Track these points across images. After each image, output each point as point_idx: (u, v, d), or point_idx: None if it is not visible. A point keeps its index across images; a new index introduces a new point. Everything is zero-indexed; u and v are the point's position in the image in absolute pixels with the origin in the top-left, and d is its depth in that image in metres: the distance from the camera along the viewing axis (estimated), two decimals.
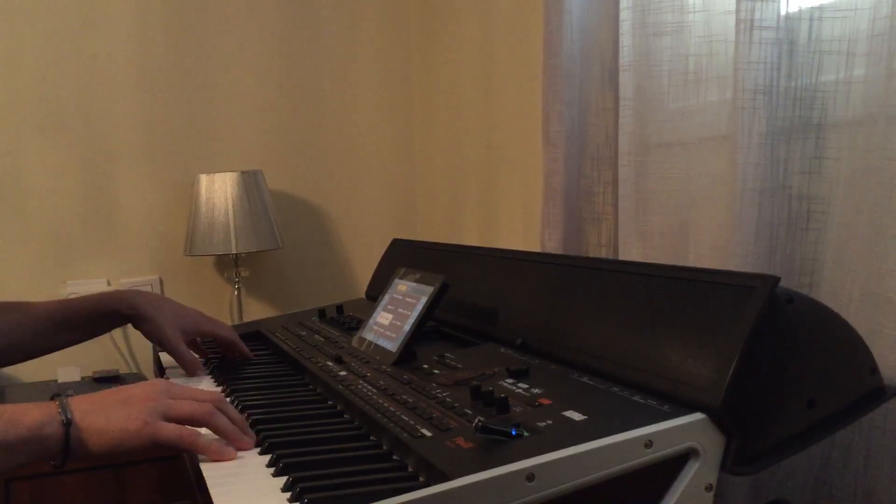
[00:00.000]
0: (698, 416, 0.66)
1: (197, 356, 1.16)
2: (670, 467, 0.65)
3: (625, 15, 1.18)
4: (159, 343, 1.13)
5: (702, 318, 0.72)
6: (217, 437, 0.77)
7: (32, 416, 0.73)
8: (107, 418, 0.74)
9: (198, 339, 1.19)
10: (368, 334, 1.09)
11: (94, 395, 0.77)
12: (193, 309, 1.18)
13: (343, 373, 0.97)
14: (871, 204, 0.85)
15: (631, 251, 1.20)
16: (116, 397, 0.76)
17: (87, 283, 2.00)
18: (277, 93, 2.15)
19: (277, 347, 1.21)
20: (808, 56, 0.95)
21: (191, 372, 1.11)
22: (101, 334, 1.20)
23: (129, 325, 1.15)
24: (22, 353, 1.14)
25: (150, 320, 1.11)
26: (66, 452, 0.73)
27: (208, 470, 0.72)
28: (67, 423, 0.73)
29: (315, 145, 2.20)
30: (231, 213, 1.91)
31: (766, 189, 0.96)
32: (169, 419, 0.75)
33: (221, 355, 1.19)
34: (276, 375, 1.08)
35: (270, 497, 0.65)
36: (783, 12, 0.94)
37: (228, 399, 0.97)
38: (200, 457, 0.75)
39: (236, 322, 2.02)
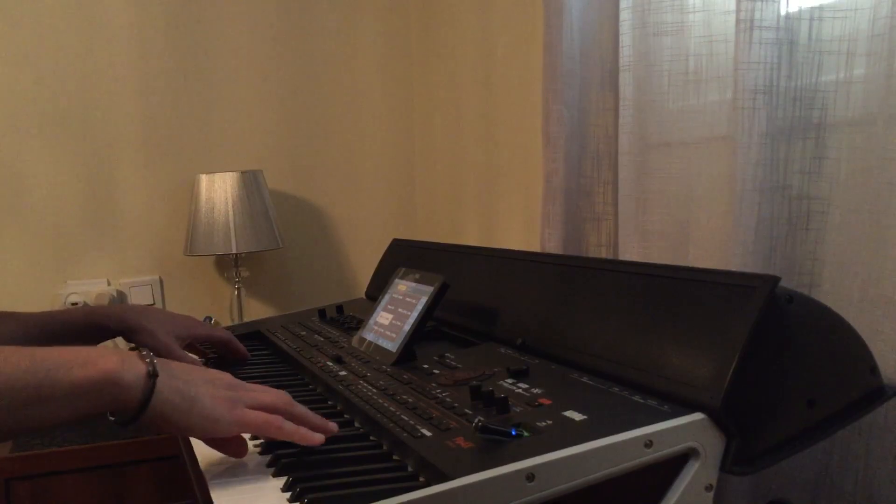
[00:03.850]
0: (698, 415, 0.66)
1: (196, 357, 1.16)
2: (670, 467, 0.65)
3: (625, 15, 1.18)
4: (156, 351, 1.12)
5: (702, 318, 0.72)
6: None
7: (110, 360, 0.67)
8: (195, 390, 0.69)
9: (195, 342, 1.19)
10: (368, 334, 1.09)
11: (177, 363, 0.73)
12: (183, 315, 1.18)
13: (343, 373, 0.97)
14: (871, 204, 0.86)
15: (631, 251, 1.20)
16: (200, 374, 0.73)
17: (87, 283, 2.00)
18: (277, 93, 2.15)
19: (277, 347, 1.21)
20: (808, 56, 0.95)
21: None
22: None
23: None
24: None
25: (143, 331, 1.10)
26: (142, 407, 0.67)
27: (208, 470, 0.72)
28: (154, 375, 0.68)
29: (315, 145, 2.20)
30: (231, 213, 1.91)
31: (766, 189, 0.96)
32: (252, 408, 0.72)
33: (219, 355, 1.19)
34: (276, 375, 1.08)
35: (270, 497, 0.65)
36: (783, 12, 0.94)
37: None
38: (200, 457, 0.75)
39: (236, 322, 2.02)
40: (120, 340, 1.18)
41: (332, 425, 0.76)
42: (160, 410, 0.68)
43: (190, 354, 1.14)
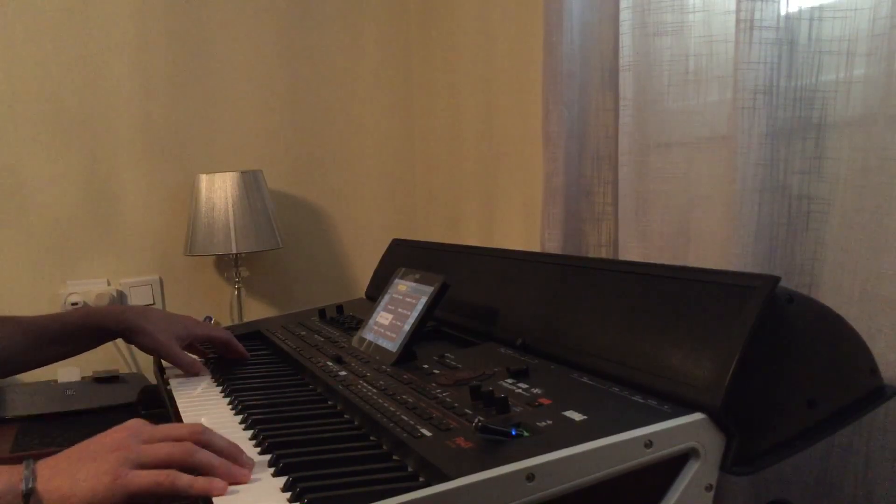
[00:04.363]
0: (698, 415, 0.66)
1: (196, 357, 1.16)
2: (670, 467, 0.65)
3: (625, 15, 1.18)
4: (156, 352, 1.13)
5: (702, 318, 0.72)
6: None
7: None
8: (72, 480, 0.66)
9: (195, 342, 1.19)
10: (368, 334, 1.09)
11: (62, 454, 0.70)
12: (183, 315, 1.18)
13: (343, 373, 0.97)
14: (871, 204, 0.86)
15: (631, 251, 1.20)
16: (82, 453, 0.69)
17: (87, 283, 2.00)
18: (277, 93, 2.15)
19: (277, 347, 1.21)
20: (808, 56, 0.95)
21: (193, 372, 1.11)
22: (87, 350, 1.17)
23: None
24: (12, 366, 1.13)
25: (143, 332, 1.11)
26: None
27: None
28: (28, 494, 0.65)
29: (315, 145, 2.20)
30: (231, 212, 1.91)
31: (766, 189, 0.96)
32: (143, 466, 0.68)
33: (219, 355, 1.19)
34: (276, 375, 1.08)
35: (270, 497, 0.65)
36: (783, 12, 0.94)
37: (227, 400, 0.97)
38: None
39: (236, 322, 2.02)
40: (120, 342, 1.18)
41: (242, 473, 0.69)
42: None
43: (190, 355, 1.14)
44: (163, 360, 1.16)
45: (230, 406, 0.93)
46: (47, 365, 1.16)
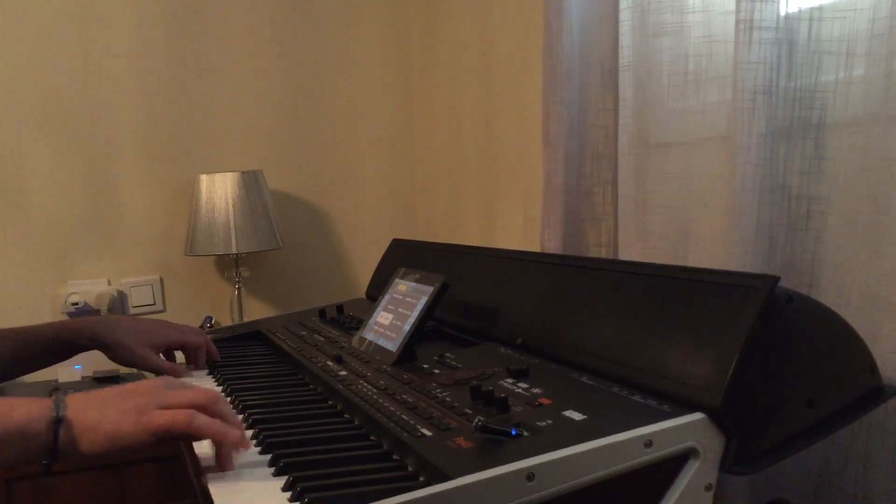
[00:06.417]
0: (698, 415, 0.66)
1: (172, 364, 1.15)
2: (670, 467, 0.65)
3: (625, 15, 1.18)
4: (132, 364, 1.11)
5: (702, 317, 0.72)
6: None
7: (21, 411, 0.68)
8: (101, 413, 0.70)
9: (170, 349, 1.17)
10: (368, 334, 1.09)
11: (93, 392, 0.74)
12: (155, 320, 1.17)
13: (343, 372, 0.97)
14: (870, 204, 0.86)
15: (631, 251, 1.20)
16: (113, 393, 0.73)
17: (88, 283, 2.00)
18: (278, 93, 2.15)
19: (278, 347, 1.21)
20: (808, 56, 0.95)
21: (177, 376, 1.10)
22: (59, 362, 1.16)
23: None
24: None
25: (116, 345, 1.09)
26: (54, 452, 0.68)
27: (209, 470, 0.72)
28: (58, 421, 0.68)
29: (315, 145, 2.20)
30: (231, 213, 1.92)
31: (765, 189, 0.96)
32: (167, 409, 0.71)
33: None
34: (277, 375, 1.08)
35: (271, 497, 0.65)
36: (783, 12, 0.94)
37: (228, 399, 0.97)
38: (202, 457, 0.75)
39: (237, 322, 2.02)
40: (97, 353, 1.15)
41: (248, 440, 0.74)
42: (74, 448, 0.69)
43: (168, 361, 1.13)
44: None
45: (230, 405, 0.94)
46: (13, 380, 1.15)
